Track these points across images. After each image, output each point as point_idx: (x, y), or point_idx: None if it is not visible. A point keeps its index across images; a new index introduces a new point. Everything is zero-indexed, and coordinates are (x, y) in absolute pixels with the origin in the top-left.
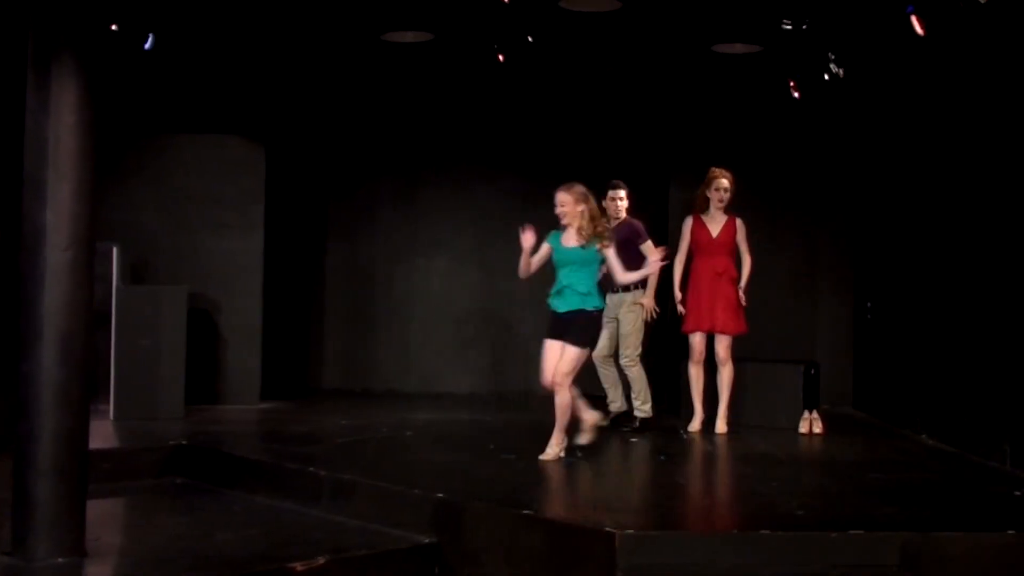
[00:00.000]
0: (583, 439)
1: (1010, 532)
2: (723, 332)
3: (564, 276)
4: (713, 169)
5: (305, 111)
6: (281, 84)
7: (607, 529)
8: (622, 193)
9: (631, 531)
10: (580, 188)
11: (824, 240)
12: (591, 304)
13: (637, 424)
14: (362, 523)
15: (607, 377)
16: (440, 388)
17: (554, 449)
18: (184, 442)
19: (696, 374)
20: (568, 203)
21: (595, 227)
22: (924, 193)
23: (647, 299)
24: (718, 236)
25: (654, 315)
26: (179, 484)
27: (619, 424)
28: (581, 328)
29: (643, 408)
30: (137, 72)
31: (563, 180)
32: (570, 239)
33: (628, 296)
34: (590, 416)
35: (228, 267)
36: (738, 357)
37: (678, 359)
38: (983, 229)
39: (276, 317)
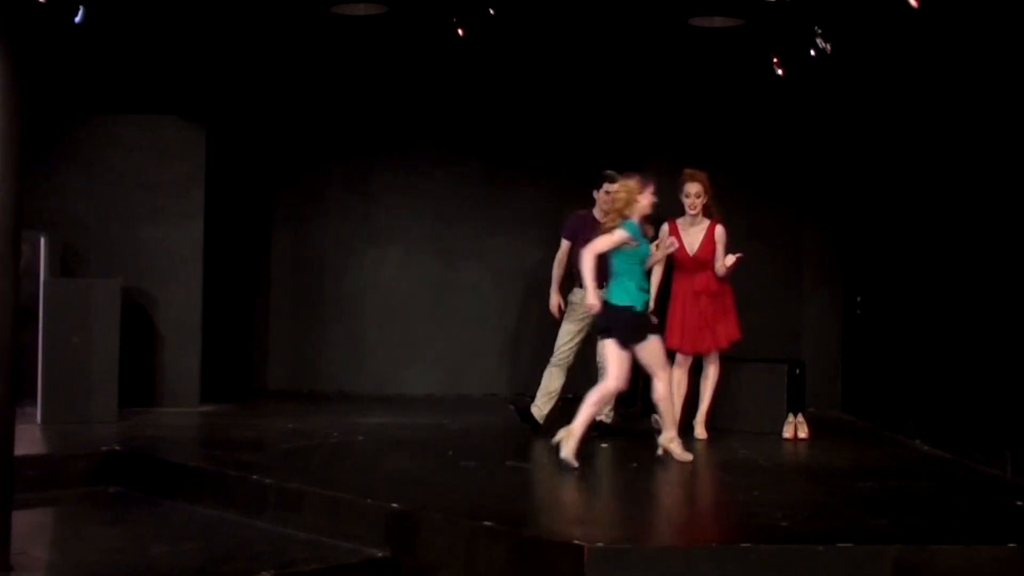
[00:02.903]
0: None
1: (1011, 545)
2: (706, 352)
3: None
4: (685, 171)
5: (249, 89)
6: (223, 60)
7: (575, 542)
8: (616, 187)
9: (601, 544)
10: None
11: (810, 229)
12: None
13: (603, 429)
14: (310, 535)
15: (554, 383)
16: (394, 389)
17: None
18: (118, 448)
19: (679, 378)
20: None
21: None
22: (918, 179)
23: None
24: (696, 254)
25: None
26: (112, 493)
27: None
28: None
29: (610, 413)
30: (66, 47)
31: (527, 163)
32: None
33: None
34: None
35: (165, 258)
36: (719, 356)
37: None
38: (983, 217)
39: (217, 313)
